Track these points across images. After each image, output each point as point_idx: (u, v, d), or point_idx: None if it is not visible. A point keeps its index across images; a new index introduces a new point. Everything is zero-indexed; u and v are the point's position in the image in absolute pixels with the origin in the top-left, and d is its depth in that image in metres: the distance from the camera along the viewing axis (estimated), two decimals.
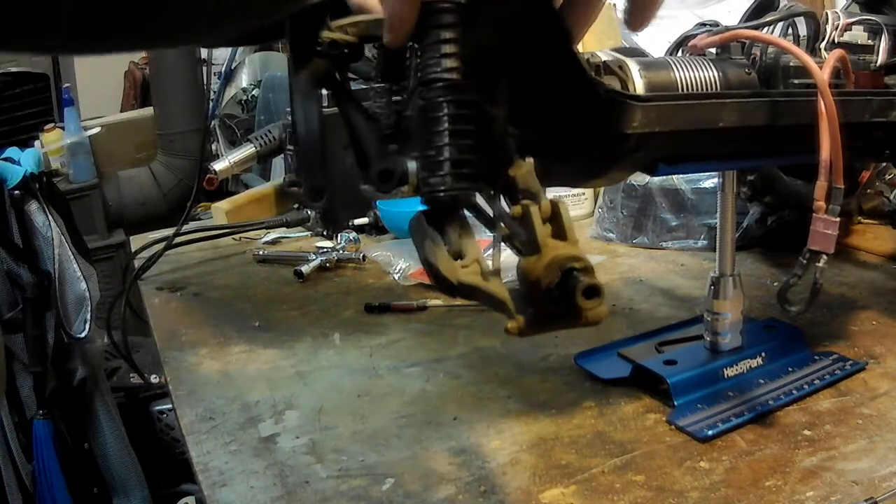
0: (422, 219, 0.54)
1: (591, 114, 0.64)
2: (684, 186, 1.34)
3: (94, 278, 1.80)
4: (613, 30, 1.72)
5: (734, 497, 0.71)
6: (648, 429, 0.83)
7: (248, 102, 2.69)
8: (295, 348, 1.10)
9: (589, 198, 1.58)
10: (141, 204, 2.67)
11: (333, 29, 0.58)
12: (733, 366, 0.89)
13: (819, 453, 0.76)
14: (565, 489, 0.74)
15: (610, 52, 0.69)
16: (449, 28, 0.54)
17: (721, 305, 0.90)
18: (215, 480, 0.80)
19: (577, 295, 0.45)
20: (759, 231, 1.31)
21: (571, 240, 0.49)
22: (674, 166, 0.73)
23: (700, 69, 0.72)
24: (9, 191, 1.71)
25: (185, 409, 0.95)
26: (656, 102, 0.64)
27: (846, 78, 0.80)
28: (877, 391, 0.87)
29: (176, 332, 1.19)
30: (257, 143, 1.79)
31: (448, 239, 0.53)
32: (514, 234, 0.52)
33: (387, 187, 0.55)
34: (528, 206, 0.50)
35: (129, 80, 3.77)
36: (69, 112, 2.58)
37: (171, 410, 1.88)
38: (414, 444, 0.84)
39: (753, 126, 0.70)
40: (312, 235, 1.60)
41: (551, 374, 0.96)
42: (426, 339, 1.10)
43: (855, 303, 1.09)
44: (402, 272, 1.33)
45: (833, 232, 0.73)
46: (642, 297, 1.19)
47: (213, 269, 1.48)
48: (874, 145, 0.84)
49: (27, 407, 1.66)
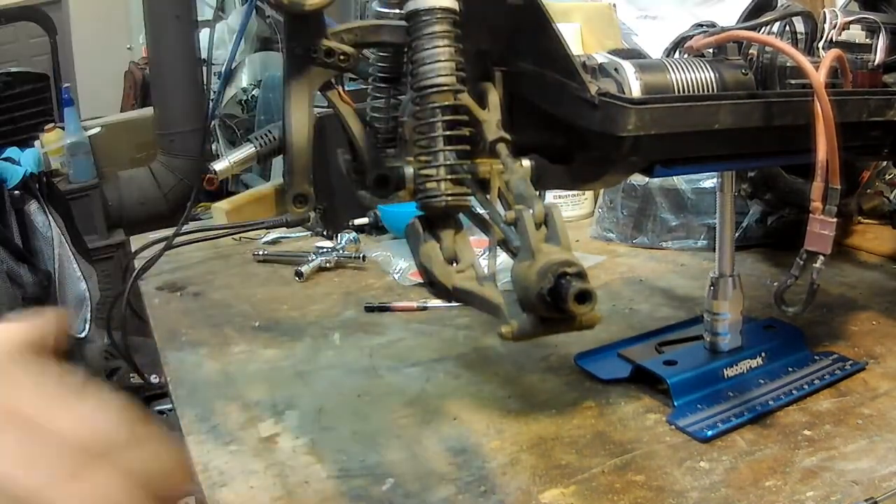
0: (417, 224, 0.54)
1: (586, 117, 0.64)
2: (684, 186, 1.34)
3: (94, 278, 1.81)
4: (613, 30, 1.71)
5: (734, 497, 0.71)
6: (648, 429, 0.83)
7: (248, 102, 2.69)
8: (295, 348, 1.10)
9: (589, 198, 1.57)
10: (141, 204, 2.67)
11: (330, 37, 0.58)
12: (733, 366, 0.89)
13: (819, 453, 0.76)
14: (565, 489, 0.74)
15: (606, 54, 0.69)
16: (442, 35, 0.54)
17: (721, 306, 0.90)
18: (215, 480, 0.80)
19: (570, 300, 0.45)
20: (758, 231, 1.31)
21: (564, 245, 0.49)
22: (670, 168, 0.73)
23: (696, 70, 0.72)
24: (9, 191, 1.71)
25: (185, 409, 0.95)
26: (651, 105, 0.64)
27: (843, 77, 0.79)
28: (877, 391, 0.87)
29: (176, 332, 1.19)
30: (257, 143, 1.78)
31: (443, 244, 0.53)
32: (509, 239, 0.52)
33: (383, 193, 0.55)
34: (522, 210, 0.50)
35: (129, 80, 3.77)
36: (69, 112, 2.58)
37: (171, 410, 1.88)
38: (414, 444, 0.84)
39: (750, 127, 0.70)
40: (312, 235, 1.60)
41: (551, 374, 0.96)
42: (426, 339, 1.10)
43: (855, 303, 1.09)
44: (402, 272, 1.33)
45: (830, 233, 0.73)
46: (642, 297, 1.19)
47: (213, 269, 1.48)
48: (872, 144, 0.84)
49: None
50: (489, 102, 0.64)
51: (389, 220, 1.52)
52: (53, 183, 1.96)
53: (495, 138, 0.58)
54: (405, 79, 0.62)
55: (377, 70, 0.69)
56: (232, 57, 2.50)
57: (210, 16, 2.90)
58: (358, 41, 0.60)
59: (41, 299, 1.67)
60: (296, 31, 0.59)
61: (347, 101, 0.63)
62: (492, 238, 0.55)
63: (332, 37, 0.59)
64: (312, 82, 0.60)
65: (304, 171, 0.61)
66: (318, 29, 0.59)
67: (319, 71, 0.60)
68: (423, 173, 0.56)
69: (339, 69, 0.60)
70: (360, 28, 0.60)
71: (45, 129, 2.60)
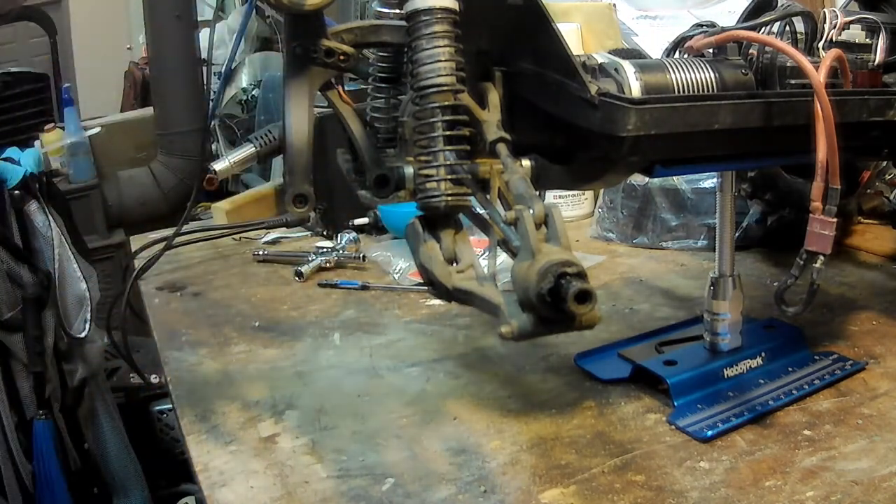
0: (417, 224, 0.54)
1: (586, 117, 0.64)
2: (684, 186, 1.34)
3: (94, 278, 1.80)
4: (613, 30, 1.71)
5: (734, 497, 0.71)
6: (648, 429, 0.83)
7: (248, 102, 2.68)
8: (295, 348, 1.10)
9: (589, 198, 1.58)
10: (141, 204, 2.66)
11: (330, 37, 0.58)
12: (733, 366, 0.89)
13: (819, 453, 0.76)
14: (565, 489, 0.74)
15: (606, 54, 0.69)
16: (442, 35, 0.54)
17: (720, 306, 0.90)
18: (215, 480, 0.80)
19: (570, 300, 0.45)
20: (758, 231, 1.31)
21: (564, 245, 0.49)
22: (670, 168, 0.73)
23: (696, 71, 0.72)
24: (9, 191, 1.70)
25: (185, 409, 0.95)
26: (651, 105, 0.64)
27: (843, 77, 0.79)
28: (877, 391, 0.87)
29: (176, 332, 1.19)
30: (257, 143, 1.78)
31: (443, 244, 0.53)
32: (509, 239, 0.52)
33: (383, 193, 0.55)
34: (522, 210, 0.50)
35: (129, 80, 3.76)
36: (69, 112, 2.57)
37: (171, 410, 1.88)
38: (414, 444, 0.84)
39: (750, 127, 0.70)
40: (312, 235, 1.60)
41: (551, 374, 0.96)
42: (426, 339, 1.10)
43: (855, 303, 1.09)
44: (402, 272, 1.33)
45: (830, 233, 0.73)
46: (642, 297, 1.19)
47: (213, 269, 1.48)
48: (872, 144, 0.84)
49: (27, 407, 1.66)
50: (489, 102, 0.64)
51: (389, 220, 1.52)
52: (53, 183, 1.95)
53: (495, 138, 0.59)
54: (405, 79, 0.62)
55: (377, 70, 0.69)
56: (232, 57, 2.50)
57: (210, 16, 2.89)
58: (358, 41, 0.60)
59: (41, 299, 1.67)
60: (296, 31, 0.59)
61: (347, 101, 0.63)
62: (492, 238, 0.55)
63: (332, 37, 0.59)
64: (312, 82, 0.60)
65: (304, 171, 0.61)
66: (318, 29, 0.59)
67: (319, 71, 0.60)
68: (423, 173, 0.56)
69: (339, 69, 0.60)
70: (360, 28, 0.60)
71: (45, 129, 2.59)
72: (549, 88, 0.65)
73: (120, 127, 2.79)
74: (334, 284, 1.32)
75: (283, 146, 0.59)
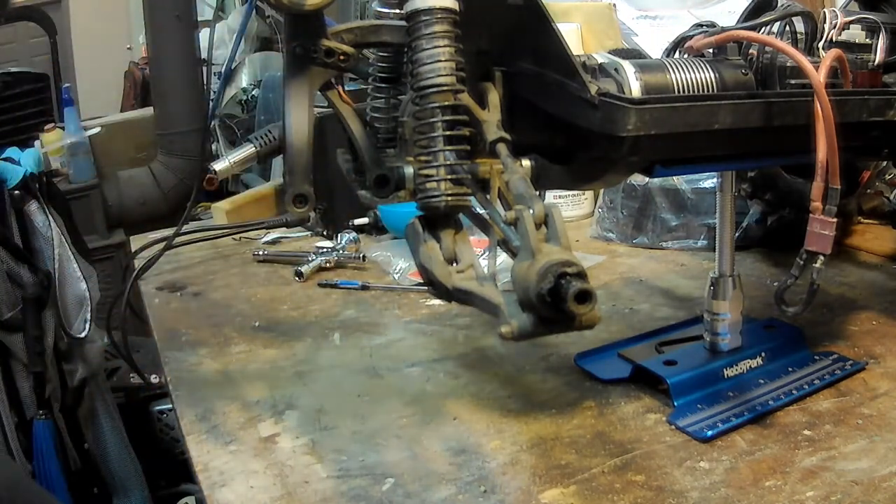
0: (417, 224, 0.54)
1: (586, 117, 0.64)
2: (684, 186, 1.34)
3: (94, 278, 1.80)
4: (613, 30, 1.71)
5: (734, 497, 0.71)
6: (648, 429, 0.83)
7: (248, 102, 2.69)
8: (295, 348, 1.10)
9: (589, 198, 1.58)
10: (141, 204, 2.66)
11: (330, 37, 0.58)
12: (733, 366, 0.89)
13: (819, 453, 0.76)
14: (565, 489, 0.74)
15: (606, 54, 0.69)
16: (442, 35, 0.54)
17: (720, 306, 0.90)
18: (215, 480, 0.80)
19: (570, 300, 0.45)
20: (758, 231, 1.31)
21: (564, 245, 0.49)
22: (670, 168, 0.73)
23: (696, 71, 0.72)
24: (9, 191, 1.70)
25: (185, 409, 0.95)
26: (651, 105, 0.64)
27: (843, 77, 0.79)
28: (877, 391, 0.87)
29: (176, 332, 1.19)
30: (257, 143, 1.78)
31: (443, 244, 0.53)
32: (509, 239, 0.52)
33: (383, 193, 0.55)
34: (522, 210, 0.50)
35: (129, 80, 3.76)
36: (69, 112, 2.57)
37: (171, 410, 1.88)
38: (414, 444, 0.84)
39: (750, 127, 0.70)
40: (312, 235, 1.60)
41: (551, 374, 0.96)
42: (426, 339, 1.10)
43: (855, 303, 1.09)
44: (402, 272, 1.33)
45: (830, 233, 0.73)
46: (642, 297, 1.19)
47: (213, 269, 1.48)
48: (872, 144, 0.84)
49: (27, 407, 1.66)
50: (489, 102, 0.64)
51: (389, 220, 1.52)
52: (53, 183, 1.95)
53: (495, 138, 0.59)
54: (405, 79, 0.62)
55: (377, 70, 0.69)
56: (232, 57, 2.50)
57: (210, 16, 2.89)
58: (358, 41, 0.60)
59: (41, 299, 1.67)
60: (296, 30, 0.59)
61: (347, 101, 0.63)
62: (492, 238, 0.55)
63: (332, 37, 0.59)
64: (312, 82, 0.60)
65: (304, 171, 0.61)
66: (318, 29, 0.59)
67: (319, 71, 0.60)
68: (423, 173, 0.56)
69: (339, 69, 0.60)
70: (360, 28, 0.60)
71: (45, 129, 2.59)
72: (549, 88, 0.66)
73: (120, 127, 2.79)
74: (334, 284, 1.32)
75: (283, 146, 0.59)
